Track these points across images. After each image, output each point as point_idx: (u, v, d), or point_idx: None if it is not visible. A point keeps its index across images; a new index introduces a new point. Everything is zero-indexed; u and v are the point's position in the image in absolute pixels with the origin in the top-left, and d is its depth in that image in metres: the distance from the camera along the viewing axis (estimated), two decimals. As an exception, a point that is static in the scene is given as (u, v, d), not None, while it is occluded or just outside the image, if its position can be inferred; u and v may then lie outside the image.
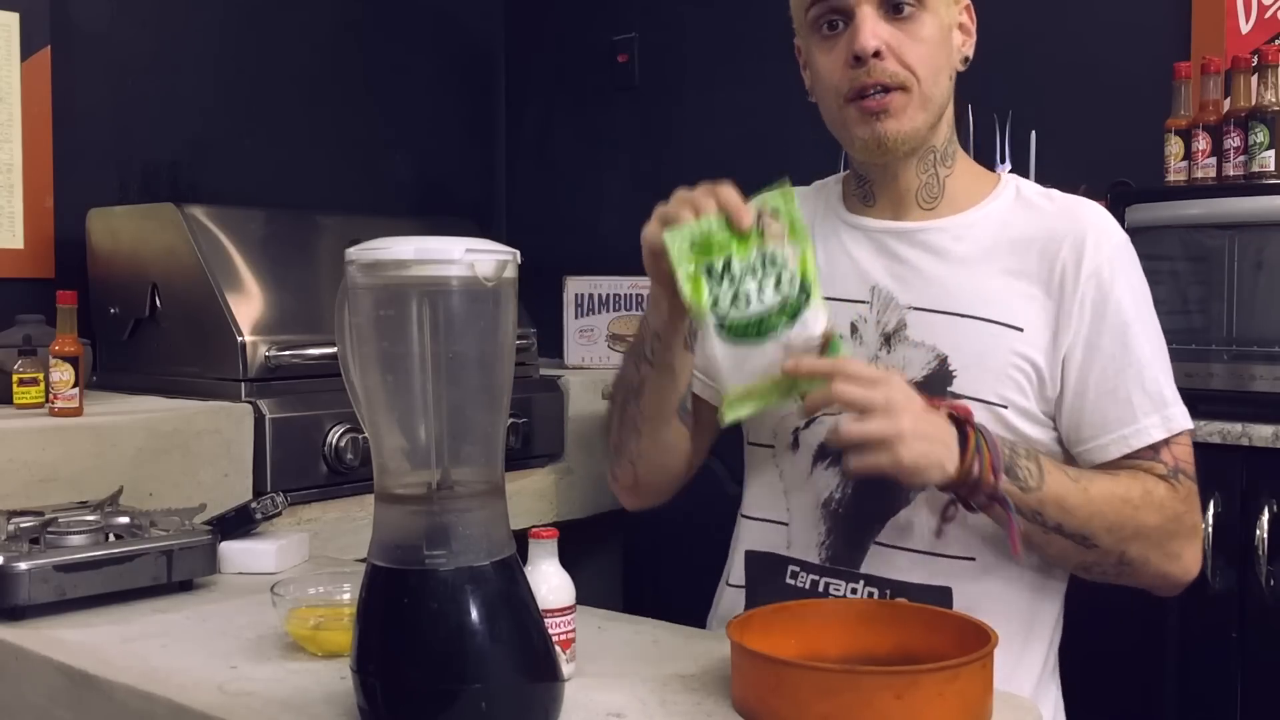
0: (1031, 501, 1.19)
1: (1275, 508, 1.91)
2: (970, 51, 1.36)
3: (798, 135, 1.63)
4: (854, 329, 1.33)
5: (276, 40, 3.04)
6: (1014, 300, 1.29)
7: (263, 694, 1.13)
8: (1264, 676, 1.94)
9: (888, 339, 1.31)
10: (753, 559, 1.38)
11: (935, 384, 1.27)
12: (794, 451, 1.35)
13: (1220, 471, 1.96)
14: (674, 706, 1.08)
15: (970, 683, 1.01)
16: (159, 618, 1.39)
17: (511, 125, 3.65)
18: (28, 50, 2.55)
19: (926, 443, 1.14)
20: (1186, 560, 1.28)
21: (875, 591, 1.29)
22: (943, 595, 1.27)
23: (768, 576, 1.35)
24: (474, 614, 0.97)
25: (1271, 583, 1.91)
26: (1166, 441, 1.28)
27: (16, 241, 2.56)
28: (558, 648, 1.06)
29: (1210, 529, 1.95)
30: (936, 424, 1.17)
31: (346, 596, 1.30)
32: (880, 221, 1.37)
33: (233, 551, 1.59)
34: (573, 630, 1.14)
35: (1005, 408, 1.28)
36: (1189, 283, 2.17)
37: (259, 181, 2.96)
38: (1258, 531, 1.91)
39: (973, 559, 1.28)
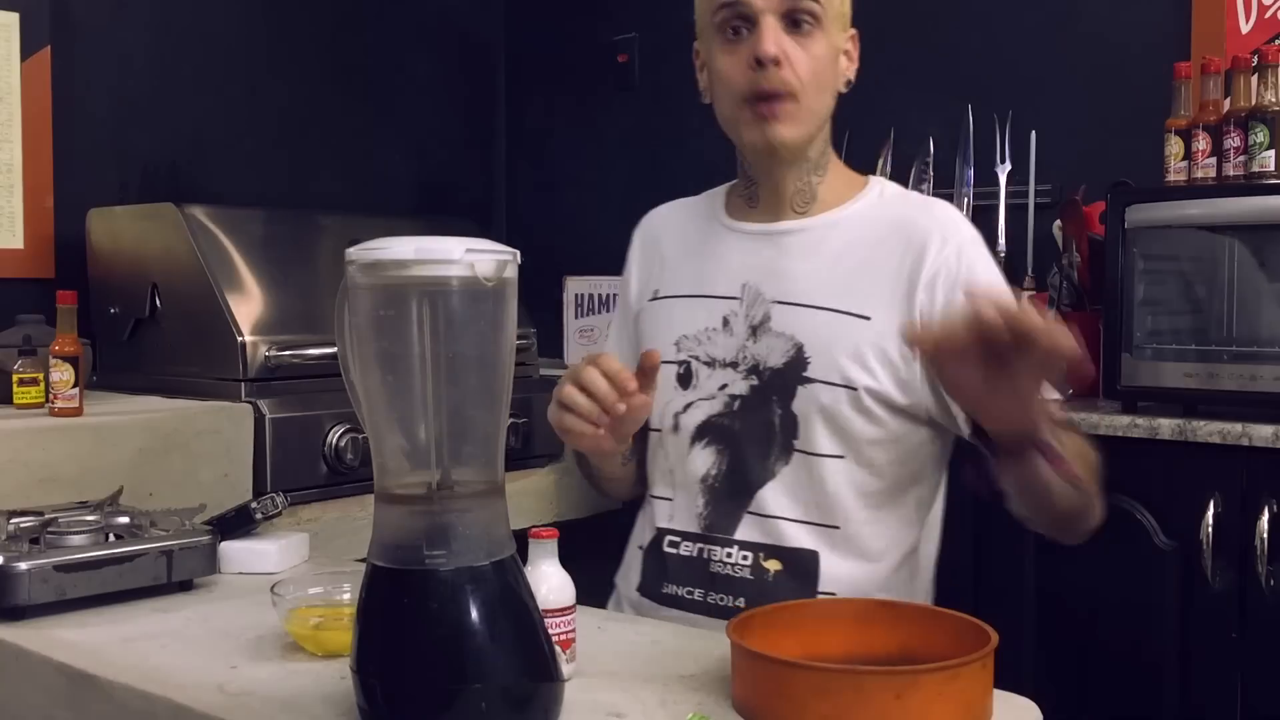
0: (1063, 450, 1.26)
1: (1275, 508, 1.91)
2: (852, 76, 1.49)
3: (798, 135, 1.64)
4: (725, 322, 1.47)
5: (277, 40, 3.04)
6: (867, 292, 1.41)
7: (263, 694, 1.13)
8: (1264, 676, 1.94)
9: (754, 330, 1.45)
10: (654, 531, 1.52)
11: (793, 369, 1.41)
12: (675, 434, 1.48)
13: (1220, 471, 1.96)
14: (674, 706, 1.08)
15: (970, 683, 1.01)
16: (159, 618, 1.39)
17: (511, 125, 3.65)
18: (28, 50, 2.55)
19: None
20: (1099, 511, 1.38)
21: (749, 554, 1.42)
22: (810, 557, 1.40)
23: (655, 546, 1.50)
24: (474, 614, 0.97)
25: (1271, 583, 1.91)
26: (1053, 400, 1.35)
27: (16, 241, 2.56)
28: (558, 648, 1.06)
29: (1210, 529, 1.95)
30: None
31: (346, 596, 1.30)
32: (756, 225, 1.51)
33: (233, 551, 1.59)
34: (573, 630, 1.14)
35: (854, 389, 1.39)
36: (1189, 283, 2.17)
37: (259, 181, 2.96)
38: (1258, 531, 1.91)
39: (837, 526, 1.41)
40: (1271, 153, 2.09)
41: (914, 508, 1.47)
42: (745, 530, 1.43)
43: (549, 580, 1.14)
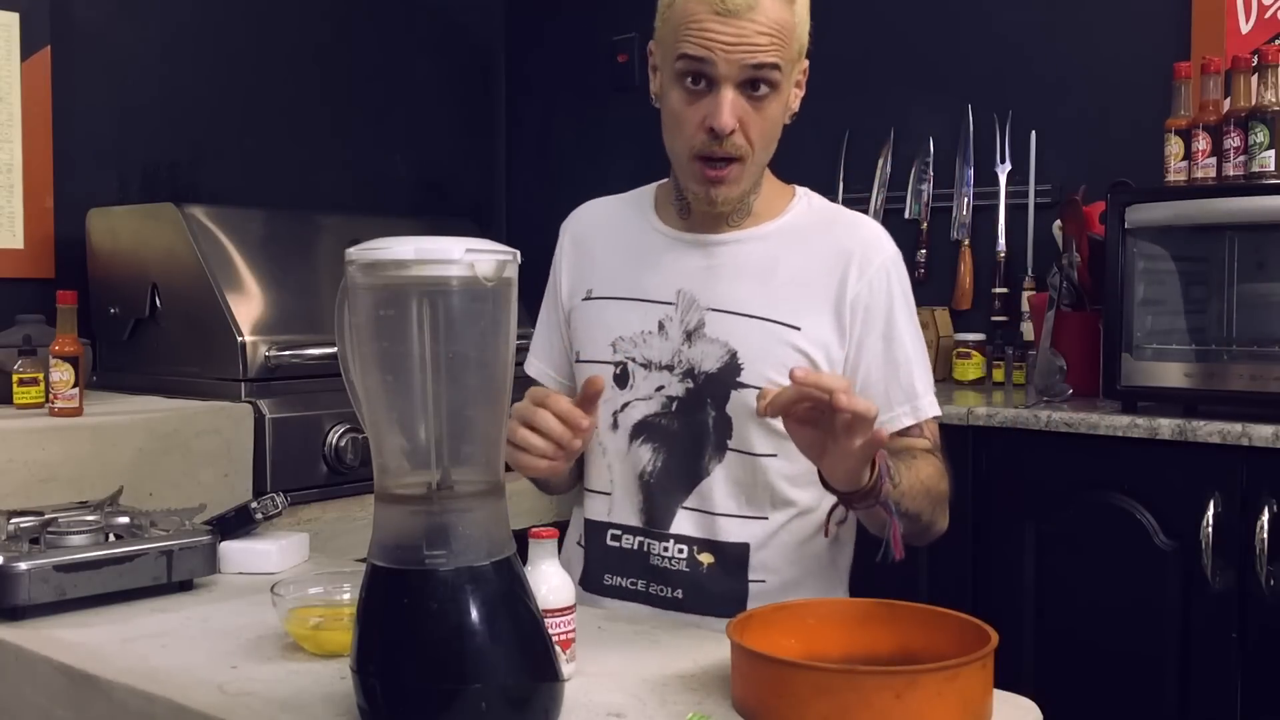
0: (897, 496, 1.32)
1: (1275, 508, 1.91)
2: (797, 106, 1.50)
3: (796, 134, 1.63)
4: (661, 326, 1.51)
5: (276, 40, 3.04)
6: (796, 303, 1.47)
7: (263, 694, 1.13)
8: (1264, 676, 1.94)
9: (689, 335, 1.50)
10: (588, 526, 1.56)
11: (727, 374, 1.47)
12: (614, 432, 1.52)
13: (1220, 471, 1.96)
14: (674, 706, 1.08)
15: (970, 683, 1.01)
16: (159, 618, 1.39)
17: (511, 125, 3.65)
18: (28, 50, 2.55)
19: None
20: (942, 524, 1.47)
21: (685, 548, 1.48)
22: (741, 549, 1.46)
23: (597, 540, 1.54)
24: (474, 614, 0.97)
25: (1271, 583, 1.91)
26: (920, 425, 1.48)
27: (16, 241, 2.56)
28: (558, 648, 1.06)
29: (1210, 529, 1.95)
30: None
31: (346, 596, 1.30)
32: (690, 234, 1.54)
33: (233, 551, 1.59)
34: (573, 630, 1.14)
35: None
36: (1189, 283, 2.17)
37: (259, 181, 2.96)
38: (1258, 531, 1.92)
39: (765, 518, 1.47)
40: (1271, 153, 2.09)
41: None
42: (681, 524, 1.48)
43: (549, 580, 1.14)
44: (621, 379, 1.52)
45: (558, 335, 1.63)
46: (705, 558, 1.46)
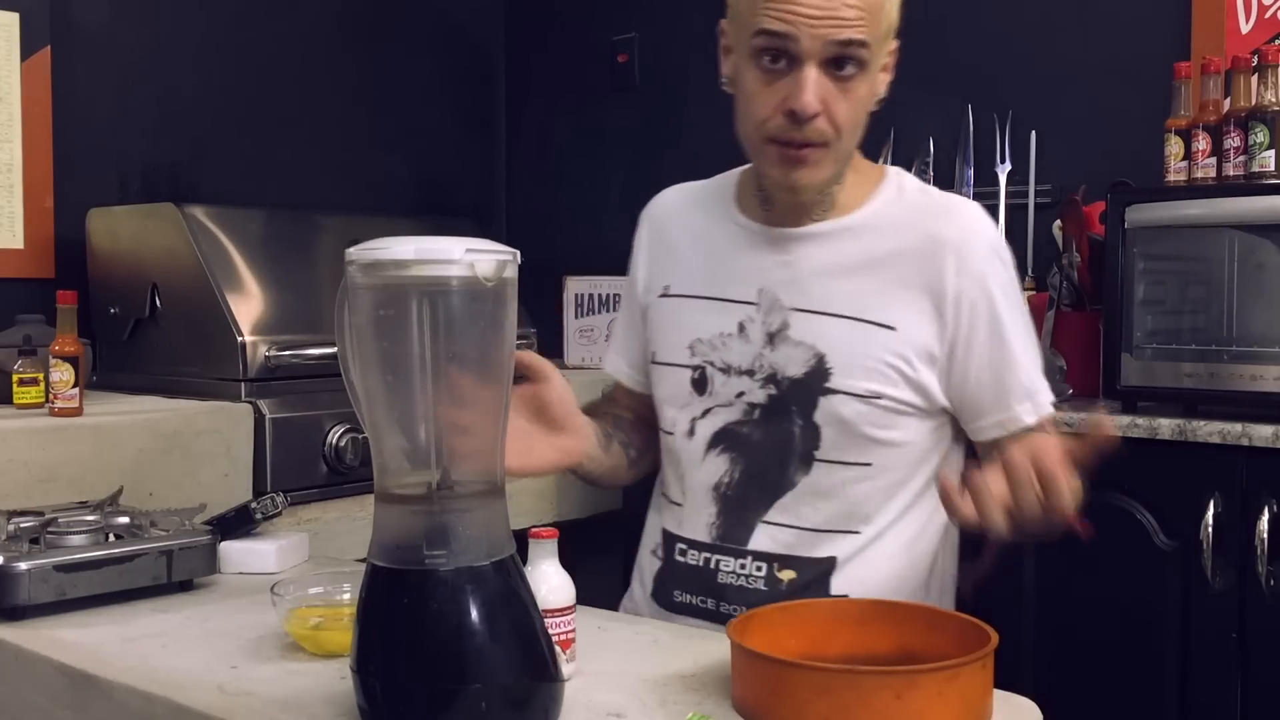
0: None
1: (1275, 508, 1.91)
2: (885, 90, 1.39)
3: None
4: (741, 328, 1.43)
5: (276, 40, 3.04)
6: (889, 301, 1.38)
7: (263, 694, 1.13)
8: (1264, 676, 1.94)
9: (771, 338, 1.41)
10: (665, 536, 1.50)
11: (814, 379, 1.38)
12: (690, 439, 1.45)
13: (1220, 471, 1.96)
14: (674, 706, 1.08)
15: (970, 683, 1.01)
16: (159, 618, 1.39)
17: (511, 125, 3.65)
18: (28, 50, 2.55)
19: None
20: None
21: (763, 565, 1.39)
22: (828, 564, 1.38)
23: (669, 553, 1.47)
24: (474, 614, 0.97)
25: (1271, 583, 1.91)
26: (1043, 422, 1.40)
27: (16, 241, 2.55)
28: (558, 648, 1.06)
29: (1210, 529, 1.95)
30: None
31: (346, 596, 1.30)
32: (771, 228, 1.44)
33: (233, 551, 1.59)
34: (573, 630, 1.14)
35: (879, 399, 1.37)
36: (1189, 283, 2.17)
37: (259, 181, 2.96)
38: (1258, 531, 1.91)
39: (857, 532, 1.39)
40: (1271, 153, 2.09)
41: (934, 500, 1.42)
42: (759, 540, 1.40)
43: (549, 580, 1.14)
44: (700, 384, 1.44)
45: (634, 334, 1.56)
46: (786, 574, 1.38)
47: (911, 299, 1.37)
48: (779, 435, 1.39)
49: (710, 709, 1.07)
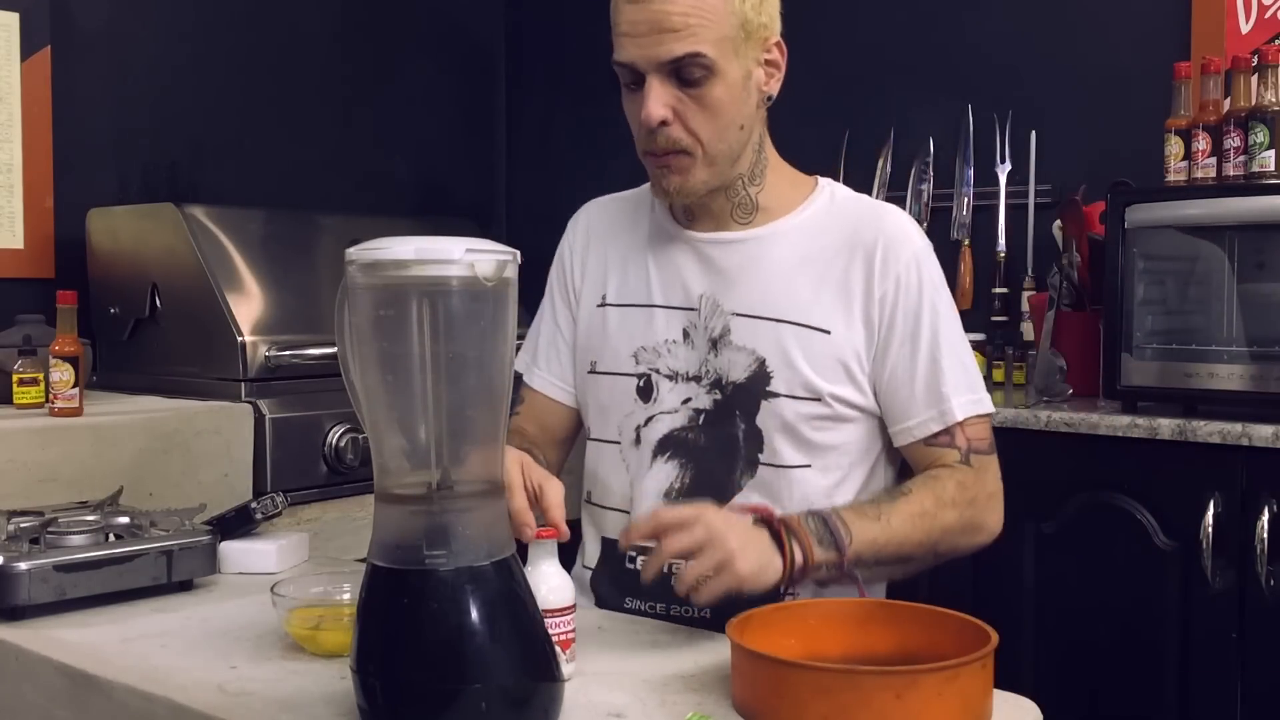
0: (850, 556, 1.28)
1: (1275, 508, 1.91)
2: (775, 88, 1.42)
3: (796, 135, 1.63)
4: (686, 334, 1.45)
5: (276, 40, 3.04)
6: (823, 304, 1.41)
7: (263, 694, 1.12)
8: (1264, 676, 1.94)
9: (714, 343, 1.43)
10: (606, 545, 1.50)
11: (756, 383, 1.40)
12: (637, 447, 1.46)
13: (1220, 471, 1.96)
14: (674, 706, 1.08)
15: (970, 683, 1.01)
16: (159, 618, 1.39)
17: (511, 125, 3.65)
18: (28, 50, 2.55)
19: (755, 549, 1.23)
20: (991, 525, 1.42)
21: None
22: None
23: (613, 561, 1.47)
24: (474, 614, 0.97)
25: (1271, 583, 1.91)
26: (960, 425, 1.40)
27: (16, 241, 2.56)
28: (558, 648, 1.06)
29: (1210, 529, 1.95)
30: (751, 532, 1.26)
31: (346, 596, 1.30)
32: (703, 234, 1.47)
33: (233, 551, 1.59)
34: (573, 630, 1.14)
35: (818, 399, 1.40)
36: (1189, 283, 2.17)
37: (259, 181, 2.96)
38: (1258, 531, 1.92)
39: None
40: (1271, 153, 2.09)
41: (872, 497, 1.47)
42: None
43: (549, 580, 1.14)
44: (645, 391, 1.45)
45: (564, 342, 1.56)
46: None
47: (844, 302, 1.41)
48: (724, 440, 1.42)
49: (710, 709, 1.07)
